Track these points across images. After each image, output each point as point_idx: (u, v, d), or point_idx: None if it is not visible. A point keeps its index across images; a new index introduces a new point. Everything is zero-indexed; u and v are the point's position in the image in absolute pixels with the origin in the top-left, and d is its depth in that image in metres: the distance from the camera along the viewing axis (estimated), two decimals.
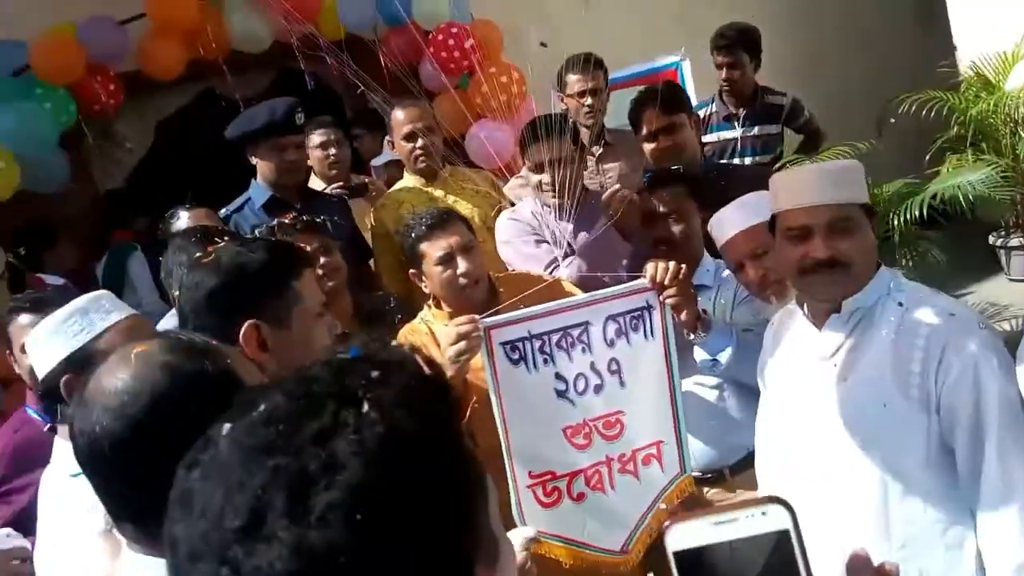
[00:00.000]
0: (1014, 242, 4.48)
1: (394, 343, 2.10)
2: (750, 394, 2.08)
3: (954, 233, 4.07)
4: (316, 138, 3.57)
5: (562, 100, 3.42)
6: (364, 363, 0.62)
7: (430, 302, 2.34)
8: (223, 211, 3.02)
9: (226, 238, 2.20)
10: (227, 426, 0.58)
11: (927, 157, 4.47)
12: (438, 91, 4.52)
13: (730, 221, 2.18)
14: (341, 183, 3.53)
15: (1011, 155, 4.17)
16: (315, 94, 4.60)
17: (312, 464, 0.54)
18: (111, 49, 4.26)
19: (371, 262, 3.22)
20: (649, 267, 2.02)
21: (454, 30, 4.41)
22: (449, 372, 1.97)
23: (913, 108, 4.38)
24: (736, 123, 3.98)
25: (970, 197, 3.71)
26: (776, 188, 1.78)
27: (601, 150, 3.44)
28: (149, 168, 5.07)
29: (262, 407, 0.58)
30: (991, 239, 4.62)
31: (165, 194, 5.57)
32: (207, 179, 5.27)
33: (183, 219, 2.73)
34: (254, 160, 3.00)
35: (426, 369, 0.64)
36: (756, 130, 3.97)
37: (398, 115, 3.07)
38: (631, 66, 4.53)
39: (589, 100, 3.32)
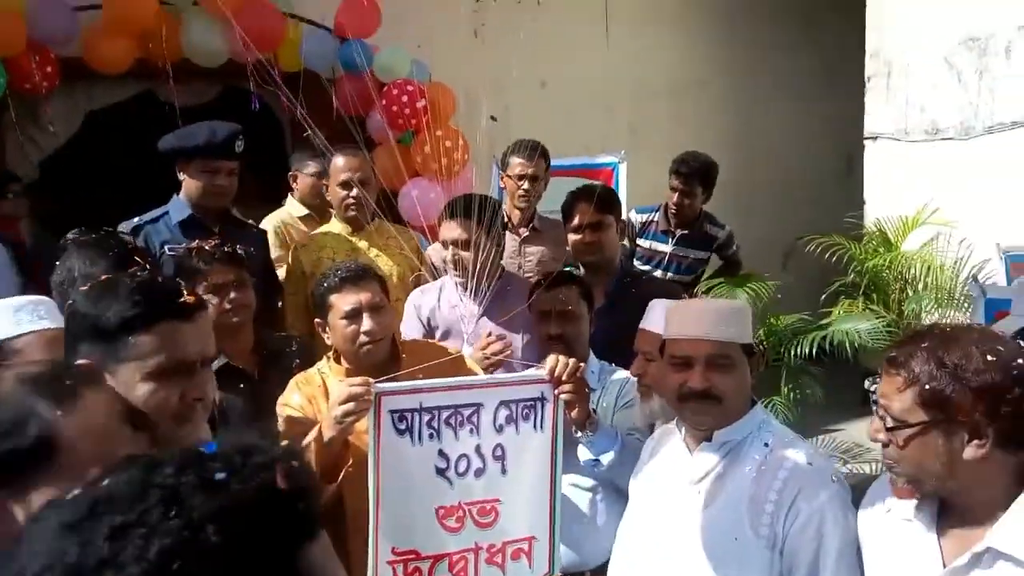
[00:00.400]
0: None
1: (259, 442, 2.03)
2: (621, 500, 2.14)
3: (834, 372, 4.33)
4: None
5: (502, 179, 3.54)
6: (213, 462, 0.61)
7: (330, 354, 2.33)
8: (136, 220, 2.96)
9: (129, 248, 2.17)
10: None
11: (823, 297, 4.77)
12: (380, 142, 4.58)
13: (656, 314, 2.26)
14: None
15: (897, 311, 4.50)
16: (258, 119, 4.60)
17: (91, 559, 0.53)
18: (56, 31, 4.15)
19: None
20: (550, 360, 2.06)
21: (409, 88, 4.50)
22: (331, 432, 1.95)
23: (818, 250, 4.69)
24: (671, 240, 4.23)
25: (855, 344, 3.99)
26: (669, 316, 1.91)
27: (528, 233, 3.55)
28: (68, 156, 4.89)
29: (105, 481, 0.58)
30: (866, 384, 4.92)
31: (78, 187, 5.44)
32: (124, 181, 5.14)
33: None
34: (181, 176, 2.95)
35: (282, 483, 0.62)
36: (687, 252, 4.24)
37: (338, 161, 3.10)
38: (571, 157, 4.70)
39: (527, 185, 3.45)
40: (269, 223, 3.74)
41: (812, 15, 6.65)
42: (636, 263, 4.30)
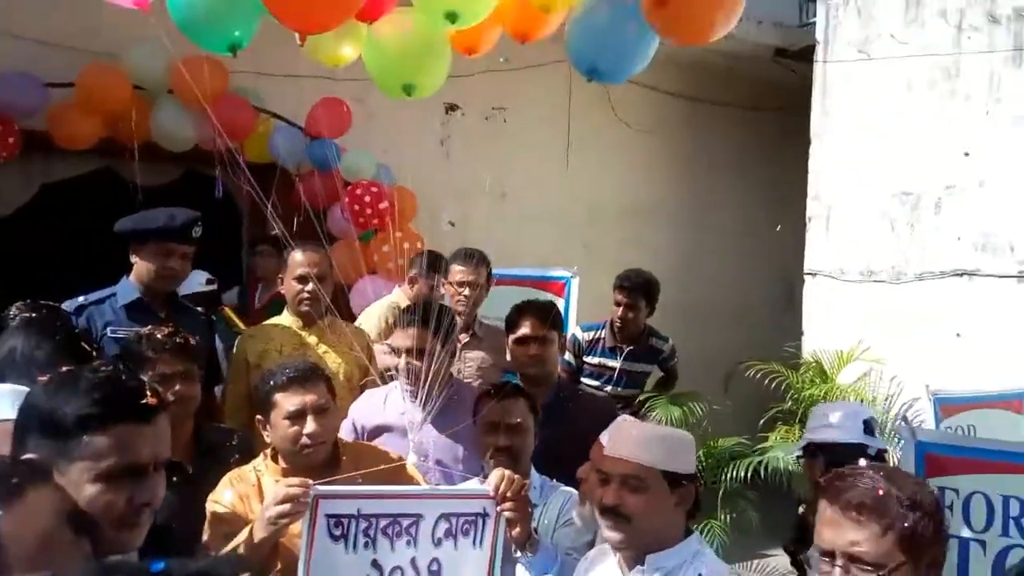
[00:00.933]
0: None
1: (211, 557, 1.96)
2: None
3: (768, 497, 4.37)
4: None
5: (443, 286, 3.58)
6: None
7: (267, 451, 2.28)
8: (81, 299, 2.91)
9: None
10: None
11: (761, 422, 4.86)
12: (340, 238, 4.63)
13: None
14: None
15: None
16: (219, 206, 4.62)
17: None
18: (25, 106, 4.17)
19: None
20: (494, 475, 2.02)
21: (374, 189, 4.61)
22: (262, 533, 1.89)
23: (758, 376, 4.82)
24: (619, 355, 4.32)
25: (789, 470, 4.06)
26: (610, 432, 1.95)
27: (467, 339, 3.57)
28: (16, 227, 4.81)
29: None
30: (800, 510, 4.98)
31: (25, 258, 5.32)
32: (72, 258, 5.05)
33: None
34: (134, 258, 2.93)
35: None
36: (634, 366, 4.35)
37: (296, 256, 3.11)
38: (525, 267, 4.81)
39: (466, 291, 3.49)
40: (378, 308, 3.78)
41: (754, 154, 7.08)
42: (585, 380, 4.35)
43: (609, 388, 4.27)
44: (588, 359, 4.38)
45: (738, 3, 2.31)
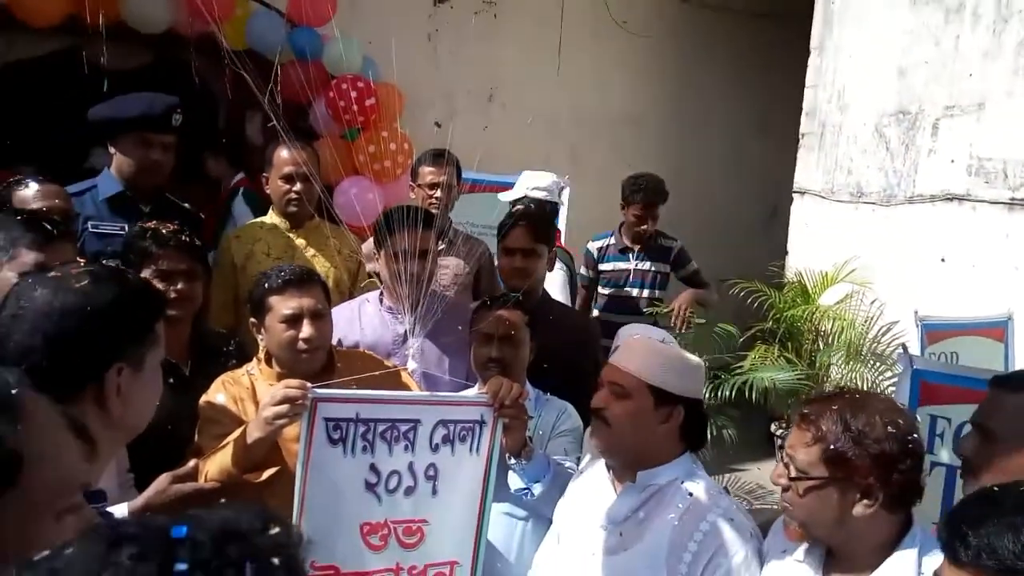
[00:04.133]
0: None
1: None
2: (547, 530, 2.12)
3: (746, 413, 4.46)
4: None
5: (412, 190, 3.45)
6: (181, 547, 0.59)
7: (260, 355, 2.21)
8: None
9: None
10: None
11: (740, 340, 4.90)
12: (322, 135, 4.44)
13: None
14: None
15: (809, 361, 4.67)
16: (195, 93, 4.38)
17: None
18: None
19: None
20: (492, 383, 2.01)
21: (360, 84, 4.39)
22: (258, 433, 1.86)
23: (741, 294, 4.83)
24: (631, 256, 4.36)
25: (769, 388, 4.12)
26: (618, 341, 2.01)
27: (443, 246, 3.48)
28: None
29: (69, 550, 0.58)
30: (773, 428, 5.10)
31: None
32: (38, 143, 4.79)
33: (30, 191, 2.42)
34: (112, 150, 2.76)
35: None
36: (649, 265, 4.36)
37: (282, 154, 2.95)
38: (515, 175, 4.68)
39: (438, 193, 3.33)
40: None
41: (751, 65, 6.88)
42: (602, 289, 4.40)
43: (634, 292, 4.33)
44: (602, 267, 4.42)
45: None
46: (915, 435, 1.52)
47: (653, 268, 4.37)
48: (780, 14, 6.52)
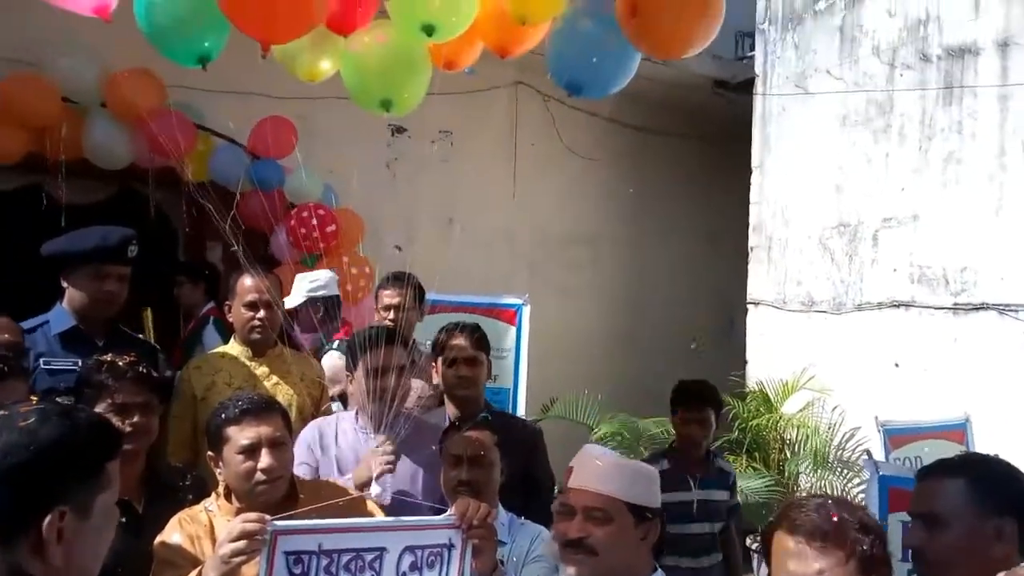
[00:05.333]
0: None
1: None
2: None
3: None
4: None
5: (375, 313, 3.47)
6: None
7: (220, 490, 2.13)
8: None
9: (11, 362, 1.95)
10: None
11: None
12: (283, 262, 4.47)
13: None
14: None
15: (777, 470, 4.66)
16: (154, 225, 4.40)
17: None
18: None
19: None
20: (460, 503, 1.96)
21: (320, 212, 4.47)
22: (215, 572, 1.75)
23: None
24: (694, 484, 3.33)
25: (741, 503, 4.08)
26: (575, 461, 1.91)
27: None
28: None
29: None
30: (748, 541, 5.01)
31: None
32: None
33: None
34: (65, 284, 2.72)
35: None
36: (711, 495, 3.37)
37: (246, 281, 2.94)
38: (474, 294, 4.73)
39: (392, 315, 3.34)
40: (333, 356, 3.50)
41: (697, 184, 7.22)
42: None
43: (694, 527, 3.32)
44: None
45: (716, 17, 2.27)
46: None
47: (717, 498, 3.39)
48: (720, 136, 6.91)
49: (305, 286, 3.84)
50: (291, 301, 3.78)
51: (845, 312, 5.07)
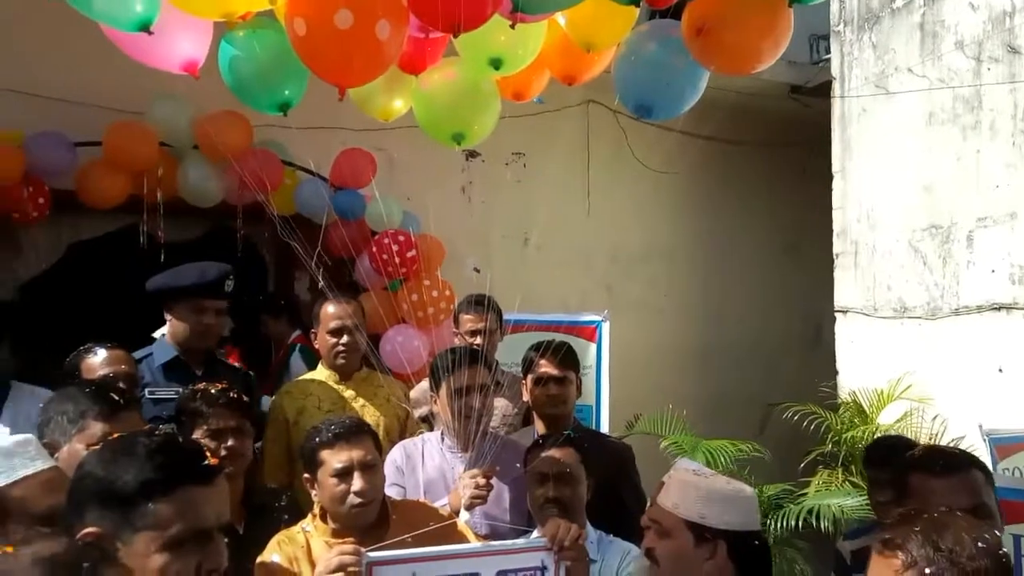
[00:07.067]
0: None
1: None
2: None
3: (819, 546, 4.22)
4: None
5: (456, 336, 3.50)
6: None
7: (315, 511, 2.21)
8: None
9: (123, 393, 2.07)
10: None
11: (801, 466, 4.73)
12: (367, 288, 4.60)
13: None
14: None
15: None
16: (244, 258, 4.61)
17: None
18: (54, 166, 4.20)
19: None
20: (550, 525, 2.01)
21: (401, 237, 4.59)
22: None
23: (795, 417, 4.71)
24: None
25: (839, 518, 3.92)
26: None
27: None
28: (45, 286, 4.81)
29: None
30: (837, 543, 4.82)
31: (51, 320, 5.31)
32: (100, 316, 5.03)
33: (98, 358, 2.54)
34: (168, 317, 2.89)
35: None
36: None
37: (329, 308, 3.06)
38: (552, 312, 4.75)
39: (478, 340, 3.36)
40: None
41: (773, 192, 7.04)
42: None
43: None
44: None
45: (785, 30, 2.22)
46: (1004, 550, 1.43)
47: None
48: (797, 143, 6.74)
49: None
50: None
51: (941, 317, 4.85)
